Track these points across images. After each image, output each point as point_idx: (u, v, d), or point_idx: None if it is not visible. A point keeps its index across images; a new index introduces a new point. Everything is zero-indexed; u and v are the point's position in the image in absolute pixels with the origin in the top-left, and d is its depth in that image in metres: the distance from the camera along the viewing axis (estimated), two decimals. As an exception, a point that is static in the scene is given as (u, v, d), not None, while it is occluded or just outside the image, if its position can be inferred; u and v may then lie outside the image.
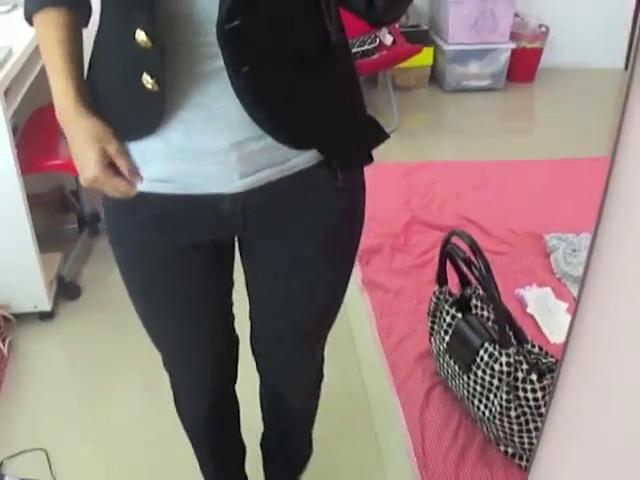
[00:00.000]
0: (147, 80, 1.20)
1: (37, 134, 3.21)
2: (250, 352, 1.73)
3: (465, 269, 1.93)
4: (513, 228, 2.79)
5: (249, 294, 1.59)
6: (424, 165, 3.27)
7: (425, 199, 2.96)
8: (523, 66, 5.25)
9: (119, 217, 1.42)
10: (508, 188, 3.08)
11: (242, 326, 1.70)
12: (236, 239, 1.51)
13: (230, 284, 1.59)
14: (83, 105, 1.29)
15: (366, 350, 2.55)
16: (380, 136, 1.44)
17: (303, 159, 1.33)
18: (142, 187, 1.31)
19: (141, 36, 1.17)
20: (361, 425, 2.50)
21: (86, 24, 1.36)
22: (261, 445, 2.05)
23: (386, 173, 3.15)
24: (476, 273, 1.81)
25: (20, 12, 1.40)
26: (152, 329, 1.60)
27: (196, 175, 1.29)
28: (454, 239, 1.93)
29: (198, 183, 1.30)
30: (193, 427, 1.87)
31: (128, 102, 1.27)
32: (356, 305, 2.63)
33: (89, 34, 1.35)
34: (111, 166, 1.28)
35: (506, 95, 5.22)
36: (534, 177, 3.17)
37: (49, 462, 2.41)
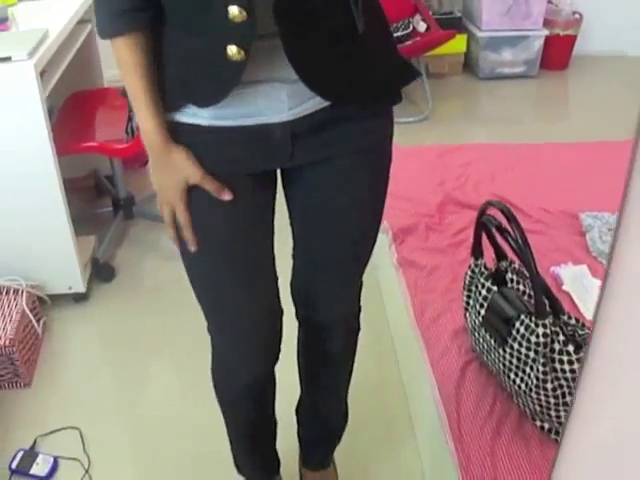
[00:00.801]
0: (232, 51, 1.27)
1: (72, 118, 3.25)
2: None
3: (501, 241, 1.91)
4: (547, 208, 2.77)
5: (294, 230, 1.66)
6: (458, 147, 3.26)
7: (459, 180, 2.95)
8: (557, 53, 5.22)
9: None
10: (542, 169, 3.06)
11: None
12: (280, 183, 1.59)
13: (273, 227, 1.62)
14: (170, 138, 1.41)
15: (400, 328, 2.54)
16: (412, 74, 1.56)
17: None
18: (202, 122, 1.40)
19: (234, 11, 1.22)
20: (395, 404, 2.50)
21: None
22: (297, 411, 2.07)
23: (420, 155, 3.15)
24: (512, 243, 1.79)
25: None
26: (207, 280, 1.60)
27: (249, 109, 1.37)
28: (490, 210, 1.91)
29: (252, 115, 1.38)
30: (235, 399, 1.86)
31: (202, 73, 1.35)
32: (390, 284, 2.63)
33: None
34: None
35: (540, 82, 5.19)
36: (567, 159, 3.15)
37: (82, 440, 2.44)
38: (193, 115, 1.40)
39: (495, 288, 1.93)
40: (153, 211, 3.62)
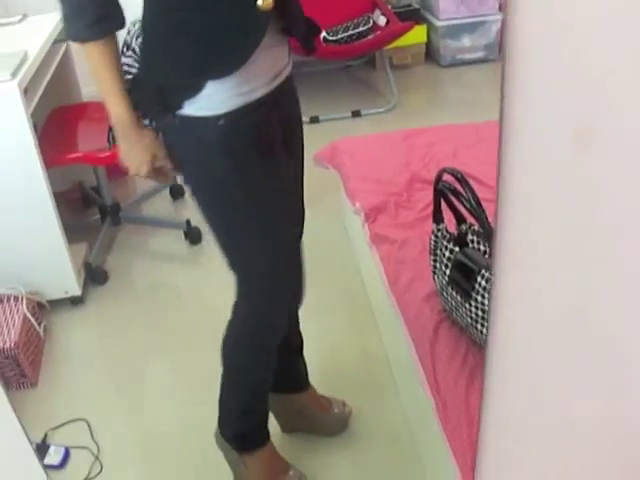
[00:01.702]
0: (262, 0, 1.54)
1: (55, 132, 3.41)
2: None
3: (459, 205, 2.09)
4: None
5: None
6: (422, 130, 3.43)
7: (424, 159, 3.11)
8: (515, 36, 5.37)
9: (242, 127, 1.69)
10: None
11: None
12: None
13: None
14: (138, 120, 1.69)
15: (378, 298, 2.73)
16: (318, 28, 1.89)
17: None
18: (262, 93, 1.68)
19: None
20: (379, 365, 2.71)
21: None
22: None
23: (387, 140, 3.32)
24: (465, 204, 1.97)
25: (30, 21, 1.69)
26: (273, 213, 1.83)
27: (277, 67, 1.72)
28: (446, 177, 2.10)
29: (280, 74, 1.73)
30: (276, 340, 2.03)
31: (235, 33, 1.58)
32: (366, 260, 2.81)
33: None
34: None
35: (500, 66, 5.33)
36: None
37: (90, 430, 2.60)
38: (251, 93, 1.65)
39: (457, 249, 2.11)
40: (138, 216, 3.79)
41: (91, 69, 1.63)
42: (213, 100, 1.62)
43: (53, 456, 2.49)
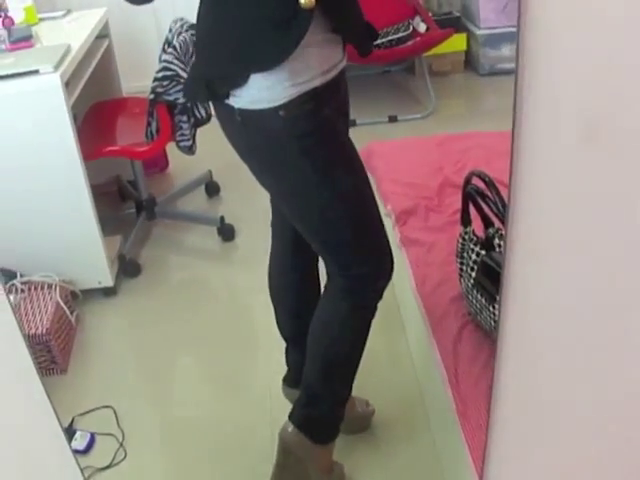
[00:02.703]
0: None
1: (95, 125, 3.48)
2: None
3: (486, 209, 2.11)
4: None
5: None
6: (456, 137, 3.44)
7: (457, 165, 3.12)
8: (555, 47, 5.36)
9: (304, 115, 1.73)
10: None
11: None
12: None
13: None
14: None
15: (405, 300, 2.75)
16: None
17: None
18: (318, 83, 1.71)
19: None
20: (403, 365, 2.74)
21: None
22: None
23: (421, 145, 3.34)
24: (492, 207, 1.99)
25: (74, 16, 1.75)
26: (365, 197, 1.93)
27: (333, 59, 1.75)
28: (475, 181, 2.12)
29: (335, 65, 1.77)
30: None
31: (277, 29, 1.62)
32: (396, 262, 2.83)
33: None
34: None
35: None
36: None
37: (116, 417, 2.64)
38: (307, 83, 1.69)
39: (484, 252, 2.13)
40: (173, 211, 3.84)
41: None
42: (267, 93, 1.68)
43: (79, 441, 2.53)
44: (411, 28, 4.87)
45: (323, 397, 2.14)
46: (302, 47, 1.62)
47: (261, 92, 1.68)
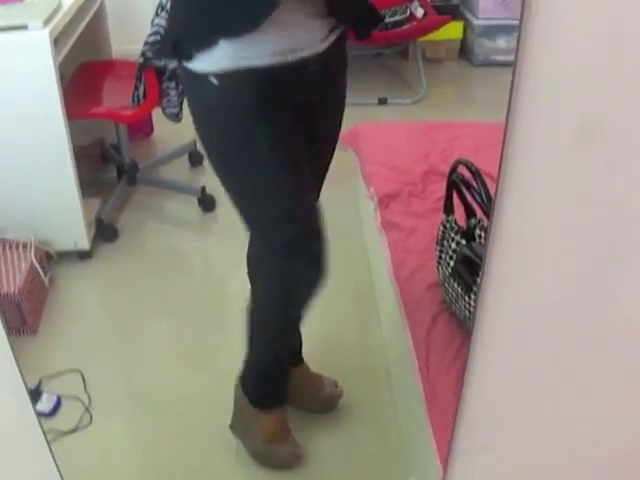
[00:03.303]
0: None
1: (81, 85, 3.44)
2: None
3: (470, 199, 2.10)
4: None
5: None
6: (445, 125, 3.42)
7: (444, 153, 3.11)
8: (551, 43, 5.34)
9: (244, 94, 1.72)
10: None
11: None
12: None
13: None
14: None
15: (381, 283, 2.74)
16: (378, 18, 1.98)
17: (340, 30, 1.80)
18: (260, 63, 1.67)
19: None
20: (374, 348, 2.73)
21: None
22: None
23: (408, 130, 3.32)
24: (476, 197, 1.97)
25: None
26: (277, 180, 1.85)
27: (293, 44, 1.68)
28: (461, 169, 2.10)
29: (294, 50, 1.69)
30: (298, 306, 2.04)
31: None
32: (374, 244, 2.82)
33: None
34: None
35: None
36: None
37: (83, 381, 2.62)
38: (249, 58, 1.66)
39: (464, 242, 2.12)
40: (155, 178, 3.81)
41: None
42: (207, 58, 1.69)
43: (45, 403, 2.52)
44: (408, 12, 4.84)
45: (251, 356, 2.20)
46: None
47: (204, 56, 1.69)
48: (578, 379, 1.13)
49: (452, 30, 5.12)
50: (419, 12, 4.88)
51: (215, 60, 1.69)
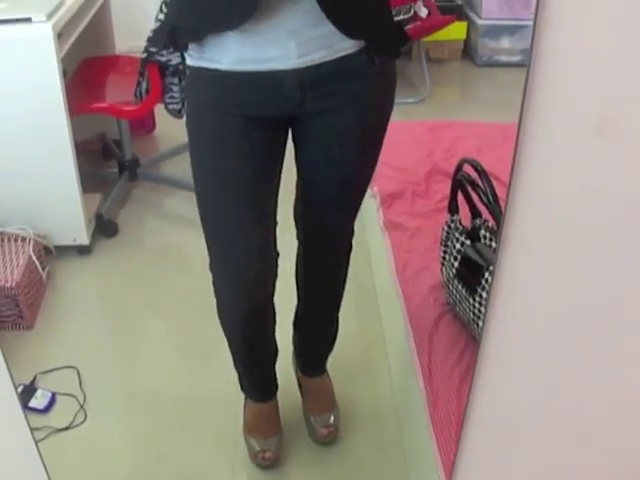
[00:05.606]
0: None
1: (84, 80, 3.41)
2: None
3: (475, 199, 2.07)
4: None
5: (299, 166, 1.86)
6: (449, 124, 3.41)
7: (448, 153, 3.10)
8: (555, 44, 5.32)
9: (201, 95, 1.68)
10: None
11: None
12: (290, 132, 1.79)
13: (279, 170, 1.82)
14: None
15: (383, 283, 2.72)
16: (406, 38, 1.81)
17: (346, 45, 1.59)
18: (221, 67, 1.59)
19: None
20: (375, 348, 2.70)
21: None
22: (295, 322, 2.27)
23: (412, 129, 3.30)
24: (482, 197, 1.95)
25: None
26: (212, 204, 1.83)
27: (260, 54, 1.56)
28: (466, 168, 2.08)
29: (263, 61, 1.56)
30: (233, 331, 2.06)
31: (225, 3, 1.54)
32: (377, 244, 2.79)
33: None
34: None
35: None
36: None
37: (79, 379, 2.58)
38: (211, 60, 1.60)
39: (468, 242, 2.10)
40: (156, 174, 3.79)
41: None
42: (190, 52, 1.66)
43: (39, 399, 2.48)
44: (412, 11, 4.81)
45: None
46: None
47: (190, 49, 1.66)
48: (592, 384, 1.11)
49: (456, 30, 5.11)
50: (423, 12, 4.85)
51: (190, 54, 1.66)
